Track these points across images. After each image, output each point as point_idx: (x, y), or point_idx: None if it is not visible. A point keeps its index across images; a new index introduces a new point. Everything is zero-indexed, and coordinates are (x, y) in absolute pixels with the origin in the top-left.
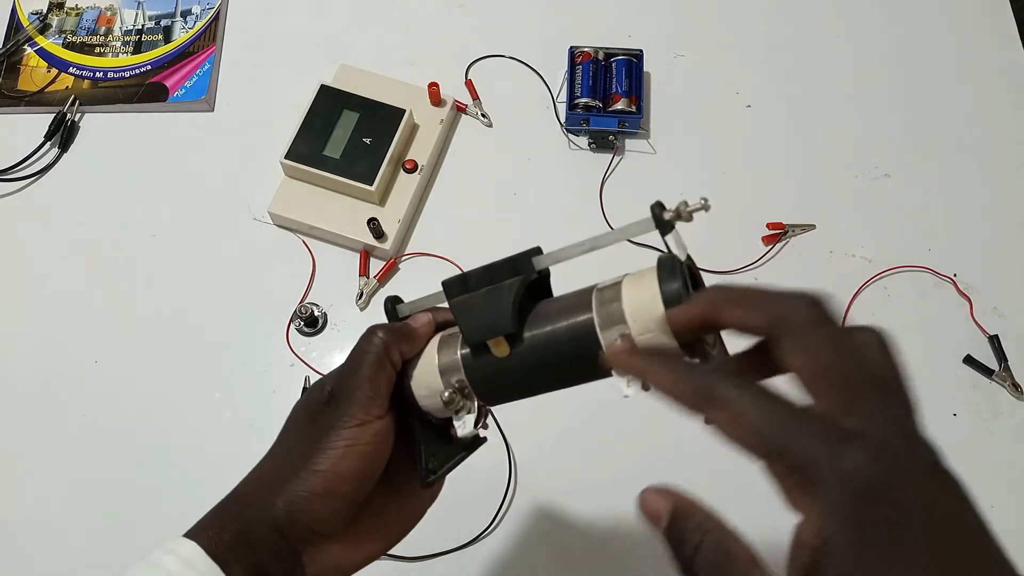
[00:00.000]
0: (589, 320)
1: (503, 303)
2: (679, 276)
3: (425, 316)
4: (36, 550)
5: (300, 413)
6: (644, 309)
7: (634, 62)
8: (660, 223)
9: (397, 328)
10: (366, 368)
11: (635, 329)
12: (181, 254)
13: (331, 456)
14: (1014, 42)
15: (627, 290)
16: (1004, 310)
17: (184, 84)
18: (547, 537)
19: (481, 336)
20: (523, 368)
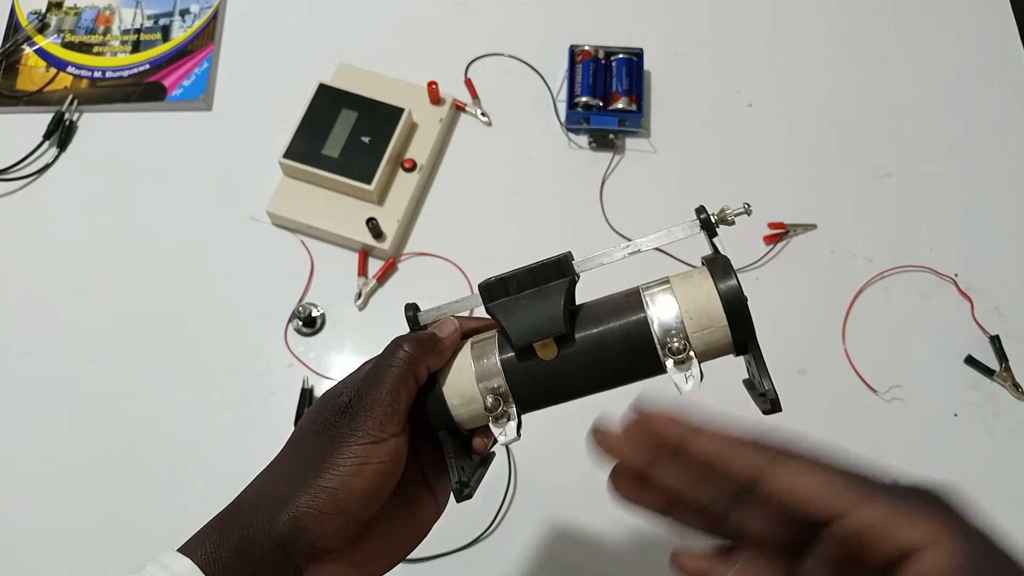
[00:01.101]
0: (642, 319)
1: (553, 304)
2: (734, 274)
3: (451, 324)
4: (35, 550)
5: (312, 421)
6: (700, 307)
7: (635, 61)
8: (707, 226)
9: (425, 340)
10: (389, 383)
11: (690, 327)
12: (179, 254)
13: (342, 473)
14: (1014, 42)
15: (679, 289)
16: (1005, 310)
17: (182, 83)
18: (547, 538)
19: (531, 338)
20: (572, 370)
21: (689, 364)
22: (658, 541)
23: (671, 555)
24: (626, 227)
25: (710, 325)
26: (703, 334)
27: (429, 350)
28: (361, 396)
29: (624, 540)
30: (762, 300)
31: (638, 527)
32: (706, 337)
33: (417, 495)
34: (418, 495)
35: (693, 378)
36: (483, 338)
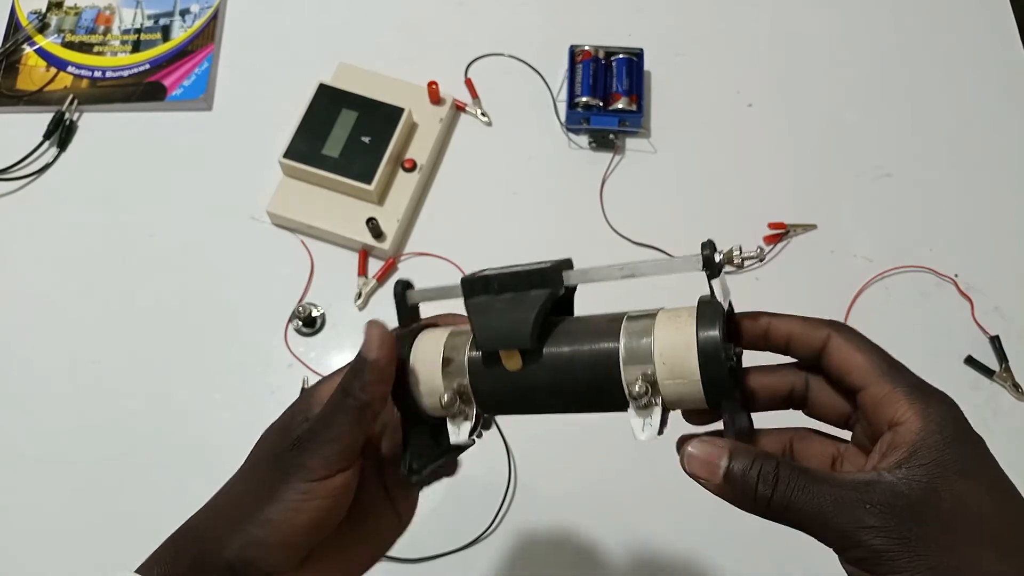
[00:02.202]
0: (614, 350)
1: (525, 315)
2: (718, 327)
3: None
4: (35, 549)
5: (267, 444)
6: (676, 355)
7: (635, 61)
8: (709, 264)
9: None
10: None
11: (661, 372)
12: (179, 254)
13: (285, 507)
14: (1014, 42)
15: (661, 328)
16: (1005, 310)
17: (182, 83)
18: (546, 538)
19: (495, 345)
20: (533, 386)
21: (650, 411)
22: (658, 541)
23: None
24: (626, 227)
25: (683, 376)
26: (675, 383)
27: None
28: (313, 433)
29: (623, 540)
30: (762, 300)
31: (637, 527)
32: (678, 388)
33: (377, 510)
34: (378, 510)
35: (651, 427)
36: (462, 331)
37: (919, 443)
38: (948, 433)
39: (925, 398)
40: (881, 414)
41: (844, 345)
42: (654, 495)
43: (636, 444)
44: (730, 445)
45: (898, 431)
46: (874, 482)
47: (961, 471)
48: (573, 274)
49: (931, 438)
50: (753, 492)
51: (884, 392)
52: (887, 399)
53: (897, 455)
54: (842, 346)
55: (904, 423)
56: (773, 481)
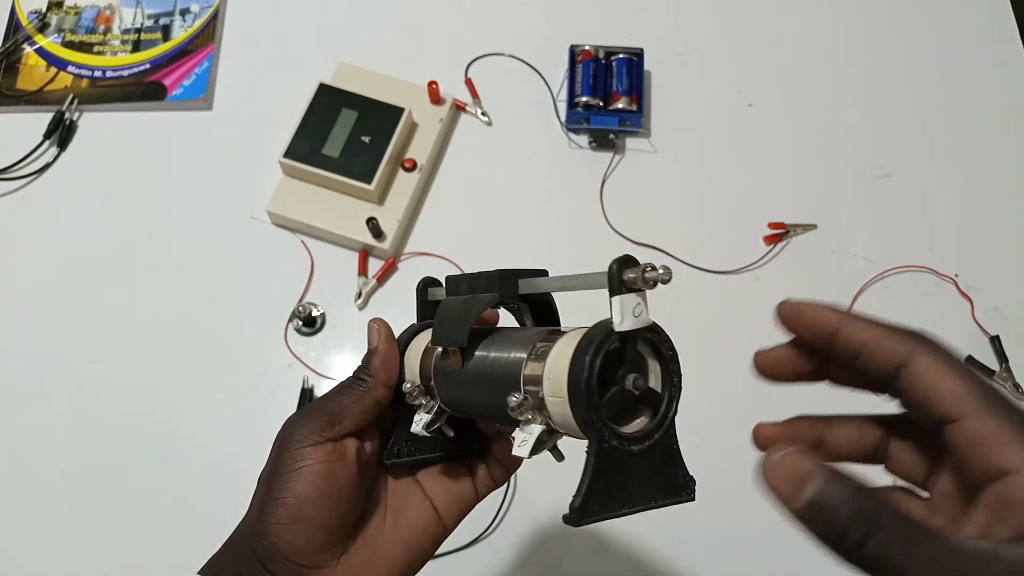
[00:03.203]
0: (519, 362)
1: (466, 315)
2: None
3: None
4: (34, 551)
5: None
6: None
7: (635, 61)
8: (612, 282)
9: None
10: (341, 399)
11: (547, 388)
12: (179, 253)
13: (286, 481)
14: (1014, 42)
15: (558, 346)
16: (1005, 311)
17: (182, 83)
18: (546, 538)
19: (440, 341)
20: (464, 387)
21: (528, 426)
22: (657, 540)
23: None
24: (626, 227)
25: (559, 394)
26: (554, 400)
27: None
28: (314, 406)
29: (622, 540)
30: (762, 301)
31: (636, 527)
32: (558, 406)
33: (411, 509)
34: (412, 509)
35: (525, 444)
36: None
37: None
38: None
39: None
40: (983, 456)
41: (933, 365)
42: None
43: None
44: (826, 468)
45: (1010, 482)
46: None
47: None
48: (524, 283)
49: None
50: (841, 531)
51: (988, 429)
52: (992, 438)
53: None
54: (931, 366)
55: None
56: (870, 527)
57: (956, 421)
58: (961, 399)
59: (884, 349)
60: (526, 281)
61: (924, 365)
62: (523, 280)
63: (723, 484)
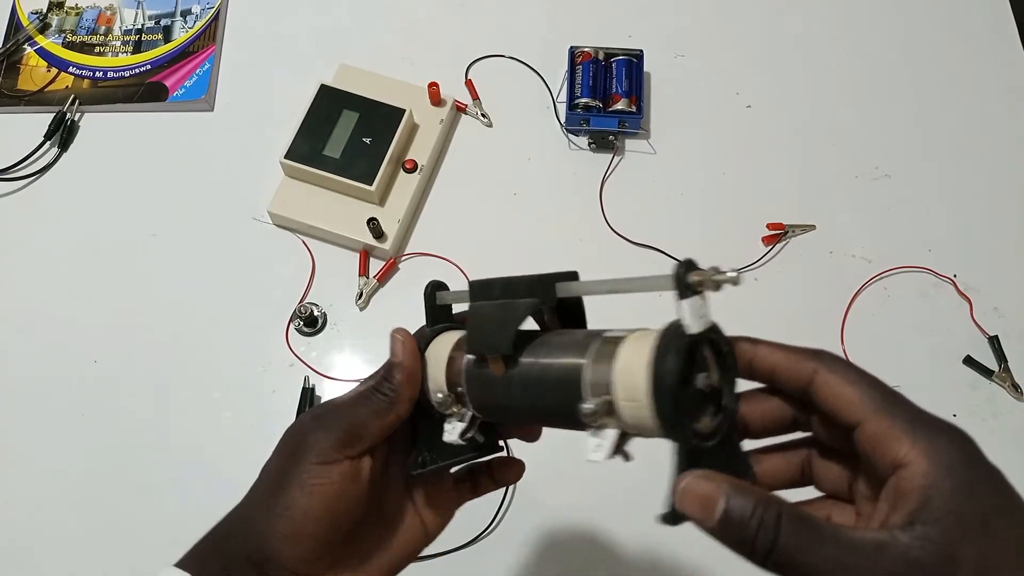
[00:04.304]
0: (579, 367)
1: (510, 322)
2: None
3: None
4: (35, 550)
5: (291, 429)
6: (633, 375)
7: (634, 62)
8: (681, 285)
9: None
10: (361, 414)
11: (619, 394)
12: (181, 254)
13: (294, 496)
14: (1014, 42)
15: (625, 350)
16: (1004, 311)
17: (184, 84)
18: (546, 538)
19: (480, 349)
20: (510, 393)
21: (603, 431)
22: (657, 539)
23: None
24: (625, 227)
25: (636, 399)
26: (630, 406)
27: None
28: (331, 417)
29: (622, 540)
30: (761, 301)
31: (636, 527)
32: (634, 411)
33: (403, 518)
34: (404, 518)
35: (601, 448)
36: None
37: (929, 491)
38: (961, 476)
39: (930, 433)
40: (882, 454)
41: (832, 379)
42: (654, 495)
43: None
44: (729, 483)
45: (903, 475)
46: (885, 545)
47: (982, 524)
48: (563, 286)
49: (943, 483)
50: (751, 541)
51: (882, 428)
52: (886, 436)
53: (907, 508)
54: (830, 380)
55: (909, 465)
56: (774, 532)
57: (857, 426)
58: (858, 405)
59: (791, 370)
60: (564, 285)
61: (826, 379)
62: (560, 284)
63: None
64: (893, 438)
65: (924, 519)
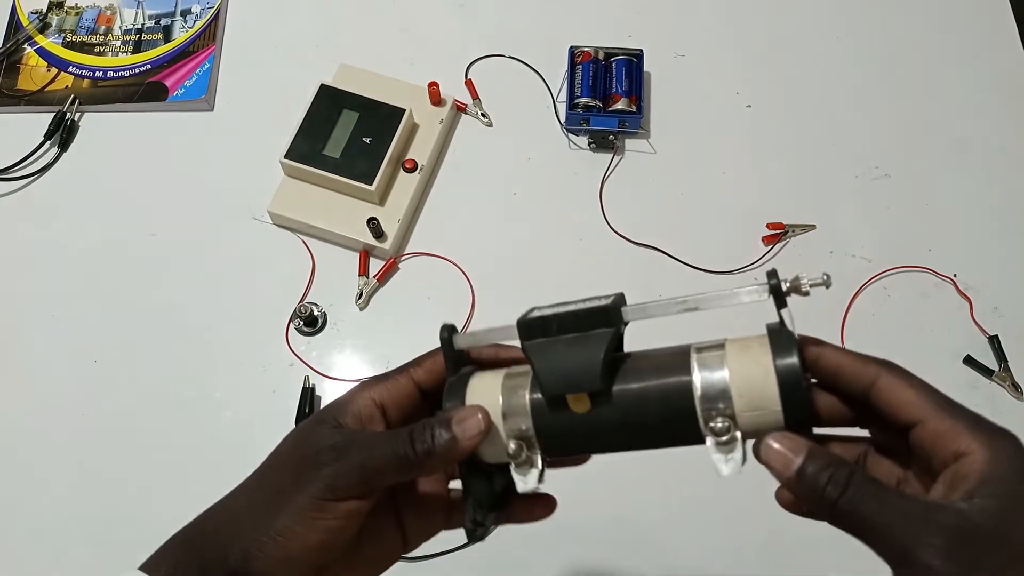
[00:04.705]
0: (686, 385)
1: (592, 356)
2: (797, 352)
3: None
4: (34, 550)
5: (288, 449)
6: (755, 386)
7: (634, 62)
8: (777, 294)
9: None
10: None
11: (740, 405)
12: (180, 253)
13: (294, 522)
14: (1014, 42)
15: (734, 359)
16: (1004, 310)
17: (184, 83)
18: (545, 538)
19: (563, 390)
20: (603, 427)
21: (733, 446)
22: (658, 539)
23: None
24: (626, 228)
25: (762, 407)
26: (753, 415)
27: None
28: (346, 450)
29: (623, 540)
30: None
31: (636, 526)
32: (756, 419)
33: (386, 531)
34: (387, 532)
35: (734, 462)
36: (517, 372)
37: (989, 473)
38: (1019, 467)
39: (991, 432)
40: (944, 447)
41: (896, 382)
42: (654, 495)
43: None
44: (810, 445)
45: (964, 462)
46: (945, 506)
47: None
48: (631, 310)
49: (1002, 469)
50: (821, 492)
51: (945, 426)
52: (950, 432)
53: (967, 485)
54: (893, 383)
55: (971, 454)
56: (844, 486)
57: (919, 424)
58: (921, 406)
59: (855, 372)
60: (634, 308)
61: (889, 382)
62: (629, 308)
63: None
64: (956, 433)
65: (983, 494)
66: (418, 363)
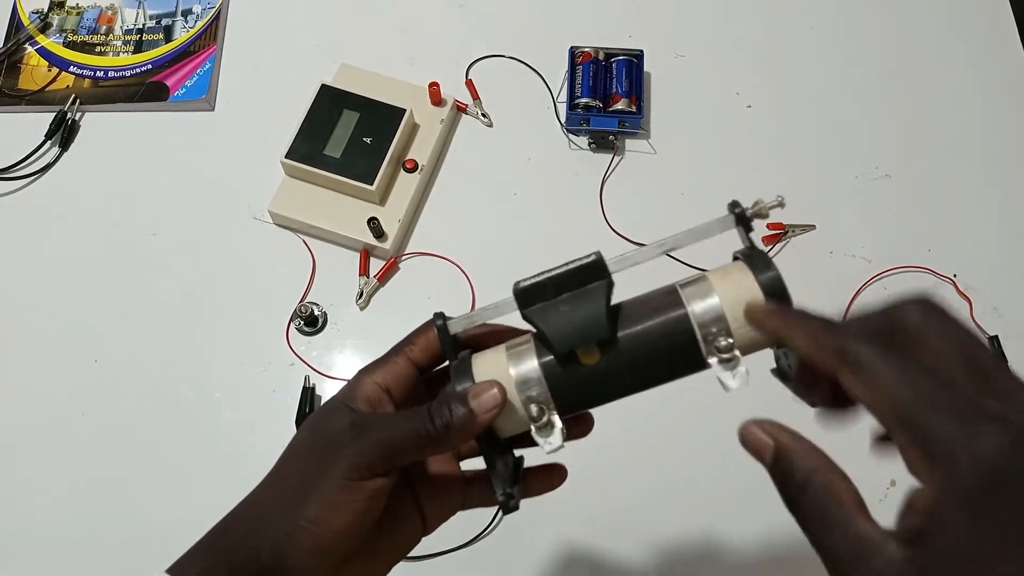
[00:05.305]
0: (683, 316)
1: (595, 308)
2: (773, 265)
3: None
4: (34, 551)
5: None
6: (744, 301)
7: (635, 62)
8: (742, 220)
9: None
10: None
11: (734, 323)
12: (181, 253)
13: (320, 510)
14: (1014, 42)
15: (720, 286)
16: (1004, 311)
17: (185, 83)
18: (545, 538)
19: (574, 344)
20: (615, 372)
21: (736, 362)
22: (658, 539)
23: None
24: (626, 228)
25: None
26: (747, 330)
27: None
28: (365, 429)
29: (623, 539)
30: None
31: (636, 526)
32: (750, 332)
33: (406, 515)
34: (406, 515)
35: (740, 376)
36: (518, 343)
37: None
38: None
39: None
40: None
41: (853, 383)
42: (654, 494)
43: (636, 444)
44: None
45: (916, 494)
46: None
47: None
48: (615, 261)
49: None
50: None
51: (903, 440)
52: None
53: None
54: (852, 384)
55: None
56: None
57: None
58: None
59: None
60: (621, 259)
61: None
62: (616, 259)
63: (723, 479)
64: (913, 456)
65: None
66: (411, 342)
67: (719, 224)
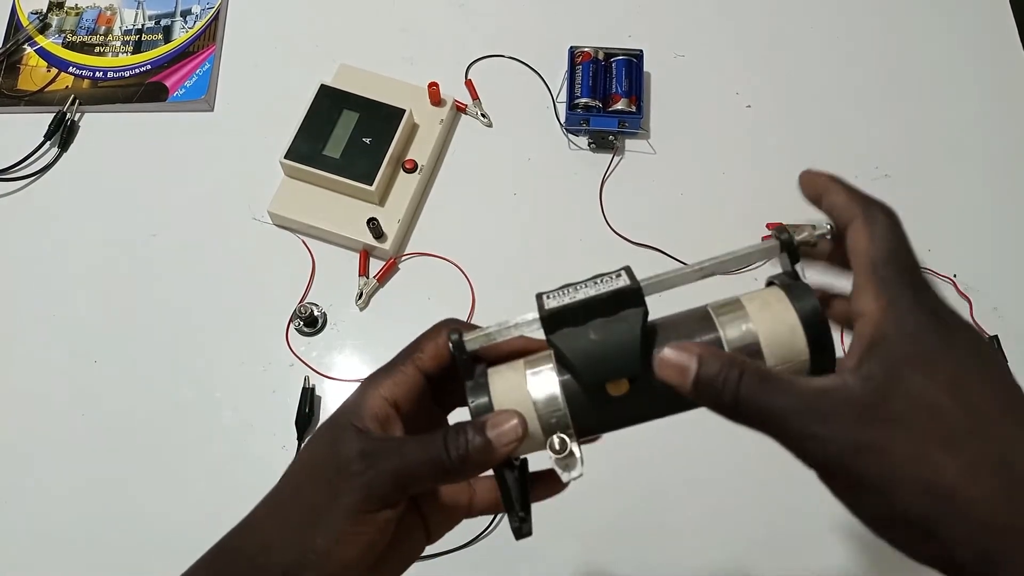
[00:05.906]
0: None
1: (628, 341)
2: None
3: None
4: (34, 551)
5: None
6: (782, 341)
7: (634, 62)
8: (790, 249)
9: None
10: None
11: (770, 360)
12: (181, 254)
13: (332, 541)
14: (1014, 42)
15: (759, 320)
16: (1004, 311)
17: (184, 84)
18: (545, 538)
19: (603, 378)
20: (642, 403)
21: None
22: (658, 539)
23: None
24: (625, 228)
25: (792, 359)
26: (783, 368)
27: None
28: (381, 453)
29: (623, 539)
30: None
31: (637, 526)
32: (786, 371)
33: (411, 528)
34: (412, 529)
35: None
36: (537, 360)
37: (877, 336)
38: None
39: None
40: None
41: (862, 229)
42: (654, 494)
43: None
44: (699, 351)
45: (859, 323)
46: (831, 389)
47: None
48: (650, 284)
49: (889, 327)
50: (718, 399)
51: (861, 281)
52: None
53: (857, 352)
54: (860, 230)
55: (865, 315)
56: (735, 388)
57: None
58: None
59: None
60: (655, 282)
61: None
62: (650, 283)
63: (723, 477)
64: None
65: (869, 360)
66: (420, 348)
67: (763, 252)
